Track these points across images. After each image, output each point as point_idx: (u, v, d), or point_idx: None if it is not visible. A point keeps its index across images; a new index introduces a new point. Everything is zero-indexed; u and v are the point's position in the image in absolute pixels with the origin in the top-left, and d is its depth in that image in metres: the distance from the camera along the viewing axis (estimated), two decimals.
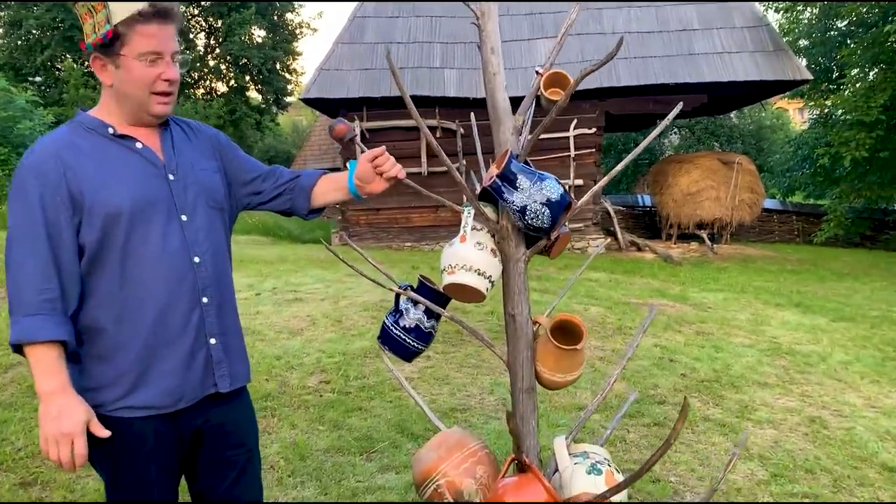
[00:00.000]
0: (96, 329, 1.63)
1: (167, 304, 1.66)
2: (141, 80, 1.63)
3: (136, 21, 1.61)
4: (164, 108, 1.69)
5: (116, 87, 1.67)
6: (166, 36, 1.65)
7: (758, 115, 24.09)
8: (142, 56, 1.62)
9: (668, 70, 12.54)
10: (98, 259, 1.62)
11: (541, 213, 1.67)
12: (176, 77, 1.68)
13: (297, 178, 1.98)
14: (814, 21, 15.87)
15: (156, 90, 1.65)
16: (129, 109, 1.69)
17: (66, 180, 1.58)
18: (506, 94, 1.80)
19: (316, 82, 13.12)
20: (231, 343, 1.82)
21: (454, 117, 13.21)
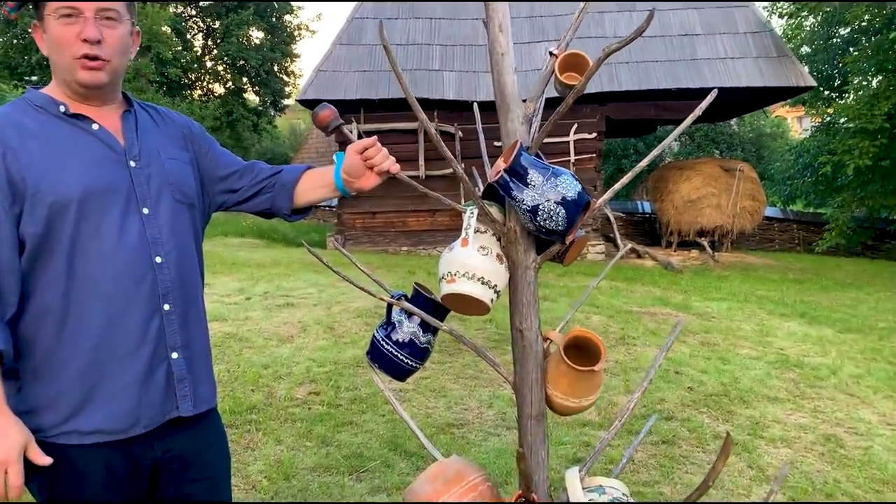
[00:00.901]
0: (35, 339, 1.39)
1: (120, 310, 1.42)
2: (57, 41, 1.41)
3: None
4: (90, 76, 1.43)
5: (50, 57, 1.46)
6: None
7: (758, 123, 23.94)
8: (57, 12, 1.40)
9: (671, 75, 12.36)
10: (40, 256, 1.38)
11: (555, 214, 1.44)
12: (95, 36, 1.41)
13: (278, 174, 1.74)
14: (816, 28, 15.71)
15: (78, 53, 1.41)
16: (62, 81, 1.46)
17: (6, 163, 1.36)
18: (515, 78, 1.59)
19: (313, 83, 12.91)
20: (196, 358, 1.57)
21: (452, 121, 13.01)
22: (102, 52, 1.44)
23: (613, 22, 13.19)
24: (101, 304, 1.41)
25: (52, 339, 1.40)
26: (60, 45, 1.42)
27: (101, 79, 1.46)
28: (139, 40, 1.58)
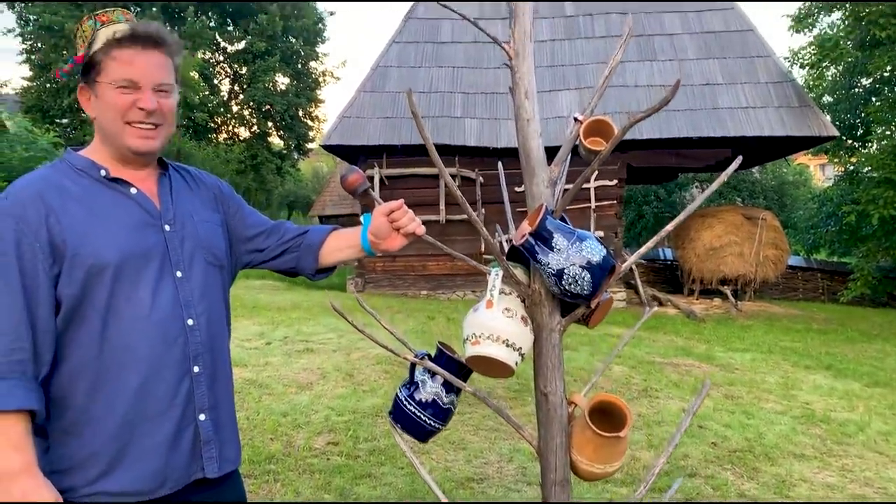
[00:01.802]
0: (68, 399, 1.40)
1: (153, 372, 1.43)
2: (113, 108, 1.46)
3: (112, 46, 1.46)
4: (142, 143, 1.49)
5: (97, 120, 1.50)
6: (148, 63, 1.48)
7: (780, 171, 23.87)
8: (114, 82, 1.45)
9: (692, 124, 12.41)
10: (76, 317, 1.40)
11: (580, 278, 1.44)
12: (153, 107, 1.47)
13: (305, 234, 1.77)
14: (838, 78, 15.74)
15: (130, 119, 1.47)
16: (111, 146, 1.51)
17: (48, 226, 1.38)
18: (540, 143, 1.60)
19: (337, 129, 13.12)
20: (222, 420, 1.57)
21: (474, 166, 13.12)
22: (157, 120, 1.50)
23: (635, 72, 13.30)
24: (134, 366, 1.42)
25: (85, 400, 1.41)
26: (115, 112, 1.47)
27: (154, 146, 1.52)
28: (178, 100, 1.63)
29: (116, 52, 1.46)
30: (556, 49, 14.03)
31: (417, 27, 14.58)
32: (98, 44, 1.46)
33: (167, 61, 1.52)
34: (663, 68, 13.36)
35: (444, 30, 14.59)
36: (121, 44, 1.46)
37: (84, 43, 1.50)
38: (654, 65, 13.47)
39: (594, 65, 13.62)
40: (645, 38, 13.81)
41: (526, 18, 1.53)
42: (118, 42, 1.46)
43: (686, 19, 13.95)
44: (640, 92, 13.05)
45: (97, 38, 1.47)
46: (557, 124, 13.00)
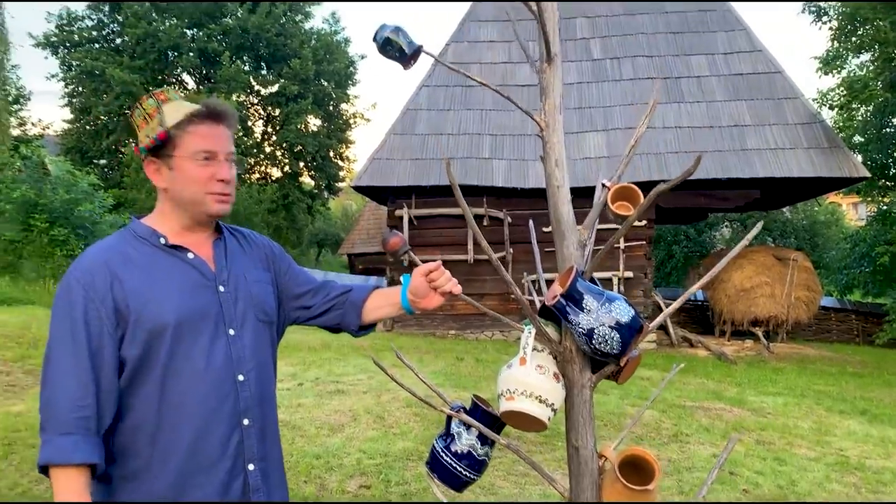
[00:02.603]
0: (130, 449, 1.51)
1: (206, 426, 1.54)
2: (195, 180, 1.59)
3: (188, 122, 1.59)
4: (221, 207, 1.63)
5: (171, 191, 1.63)
6: (219, 136, 1.62)
7: (811, 211, 23.67)
8: (195, 155, 1.59)
9: (720, 165, 12.43)
10: (138, 375, 1.52)
11: (610, 338, 1.52)
12: (230, 176, 1.63)
13: (349, 292, 1.87)
14: (868, 118, 15.68)
15: (211, 190, 1.61)
16: (185, 212, 1.64)
17: (113, 292, 1.51)
18: (571, 208, 1.70)
19: (368, 171, 13.35)
20: (270, 468, 1.67)
21: (501, 206, 13.24)
22: (230, 189, 1.64)
23: (662, 114, 13.40)
24: (190, 420, 1.52)
25: (145, 451, 1.51)
26: (198, 183, 1.60)
27: (228, 210, 1.66)
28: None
29: (193, 128, 1.60)
30: (583, 91, 14.21)
31: (446, 71, 14.87)
32: (171, 120, 1.59)
33: (230, 133, 1.66)
34: (691, 110, 13.45)
35: (473, 73, 14.83)
36: (196, 120, 1.60)
37: (146, 120, 1.63)
38: (682, 106, 13.56)
39: (621, 106, 13.76)
40: (672, 81, 13.93)
41: (555, 93, 1.63)
42: (194, 118, 1.60)
43: (714, 62, 14.06)
44: (669, 133, 13.13)
45: (166, 115, 1.60)
46: (585, 164, 13.12)
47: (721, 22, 14.63)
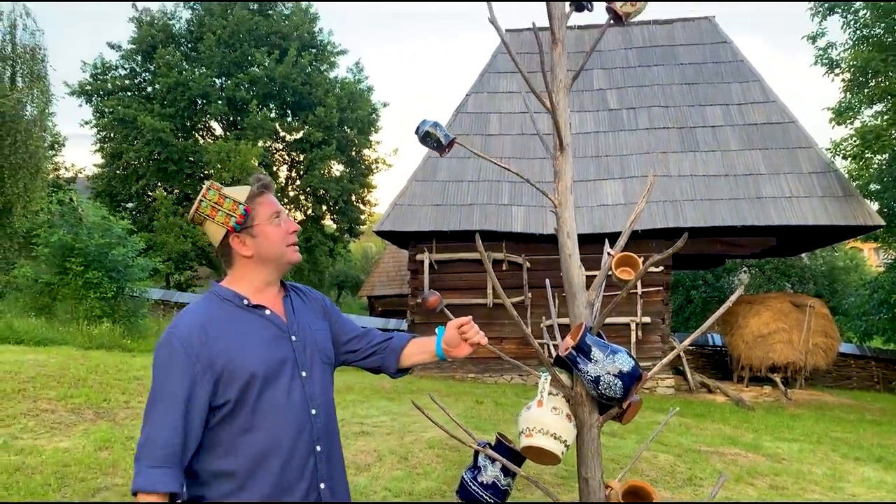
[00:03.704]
0: (226, 473, 1.82)
1: (290, 452, 1.85)
2: (278, 238, 1.96)
3: (256, 196, 1.97)
4: (297, 255, 2.02)
5: (256, 254, 1.96)
6: (275, 201, 2.01)
7: (830, 256, 23.71)
8: (269, 219, 1.95)
9: (735, 213, 12.67)
10: (232, 414, 1.83)
11: (613, 385, 1.80)
12: (298, 227, 2.03)
13: (390, 339, 2.19)
14: (884, 166, 15.89)
15: (289, 242, 1.98)
16: (269, 269, 1.98)
17: (208, 348, 1.82)
18: (581, 272, 1.99)
19: (390, 216, 13.75)
20: (337, 488, 1.97)
21: (520, 251, 13.53)
22: (297, 237, 2.04)
23: (678, 162, 13.72)
24: (276, 450, 1.85)
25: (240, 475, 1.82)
26: (279, 240, 1.97)
27: (300, 257, 2.05)
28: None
29: (260, 199, 1.98)
30: (600, 140, 14.58)
31: (467, 120, 15.35)
32: (242, 200, 1.95)
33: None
34: (707, 159, 13.75)
35: (493, 122, 15.32)
36: (261, 193, 1.99)
37: (216, 208, 1.96)
38: (698, 155, 13.87)
39: (637, 155, 14.10)
40: (687, 130, 14.28)
41: (567, 176, 1.94)
42: (259, 193, 1.98)
43: (728, 112, 14.41)
44: (685, 181, 13.42)
45: (235, 197, 1.95)
46: (602, 212, 13.43)
47: (735, 73, 15.02)
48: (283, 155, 28.59)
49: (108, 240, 12.35)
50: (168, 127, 23.83)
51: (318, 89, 25.91)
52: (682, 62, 15.39)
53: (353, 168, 28.26)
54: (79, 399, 6.90)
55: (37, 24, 12.01)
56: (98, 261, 12.24)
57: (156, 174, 24.70)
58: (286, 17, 27.05)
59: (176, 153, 24.30)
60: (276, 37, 26.08)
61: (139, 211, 25.72)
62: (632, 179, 13.73)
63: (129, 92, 25.98)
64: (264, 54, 25.20)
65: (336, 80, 27.73)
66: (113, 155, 25.29)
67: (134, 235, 13.81)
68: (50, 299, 12.44)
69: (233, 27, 25.16)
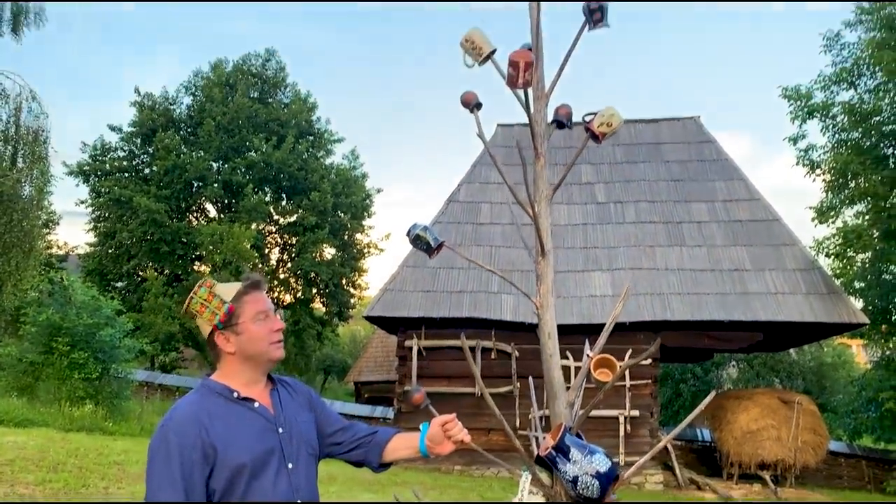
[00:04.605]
0: None
1: None
2: (262, 336, 2.02)
3: (243, 294, 2.04)
4: (281, 352, 2.07)
5: (240, 351, 2.03)
6: (265, 298, 2.08)
7: (818, 352, 23.78)
8: (255, 317, 2.01)
9: (722, 307, 12.82)
10: (223, 499, 1.88)
11: (591, 485, 1.85)
12: (283, 325, 2.08)
13: (374, 434, 2.24)
14: (867, 264, 16.18)
15: (272, 340, 2.03)
16: (253, 365, 2.05)
17: (202, 439, 1.89)
18: (561, 373, 2.06)
19: (380, 301, 13.81)
20: None
21: (510, 340, 13.55)
22: (282, 336, 2.09)
23: (665, 256, 13.97)
24: None
25: None
26: (262, 338, 2.03)
27: (283, 354, 2.10)
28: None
29: (247, 297, 2.04)
30: (588, 232, 14.86)
31: (459, 209, 15.66)
32: (229, 297, 2.04)
33: (266, 294, 2.12)
34: (693, 253, 14.00)
35: (484, 212, 15.63)
36: (248, 291, 2.06)
37: (205, 305, 2.05)
38: (684, 250, 14.13)
39: (625, 248, 14.35)
40: (674, 225, 14.60)
41: (549, 280, 2.04)
42: (246, 291, 2.06)
43: (713, 208, 14.78)
44: (673, 275, 13.62)
45: (222, 295, 2.04)
46: (590, 302, 13.55)
47: (720, 171, 15.49)
48: (275, 237, 28.82)
49: (96, 320, 12.33)
50: (163, 208, 24.09)
51: (313, 175, 26.38)
52: (668, 159, 15.88)
53: (344, 252, 28.46)
54: (57, 484, 6.76)
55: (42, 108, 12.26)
56: (85, 341, 12.18)
57: (148, 254, 24.79)
58: (285, 105, 27.81)
59: (169, 234, 24.47)
60: (274, 124, 26.73)
61: (129, 290, 25.65)
62: (620, 271, 13.93)
63: (126, 173, 26.37)
64: (262, 140, 25.75)
65: (332, 167, 28.27)
66: (106, 234, 25.42)
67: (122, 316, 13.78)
68: (33, 379, 12.30)
69: (233, 114, 25.81)
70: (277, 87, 28.23)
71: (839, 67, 15.48)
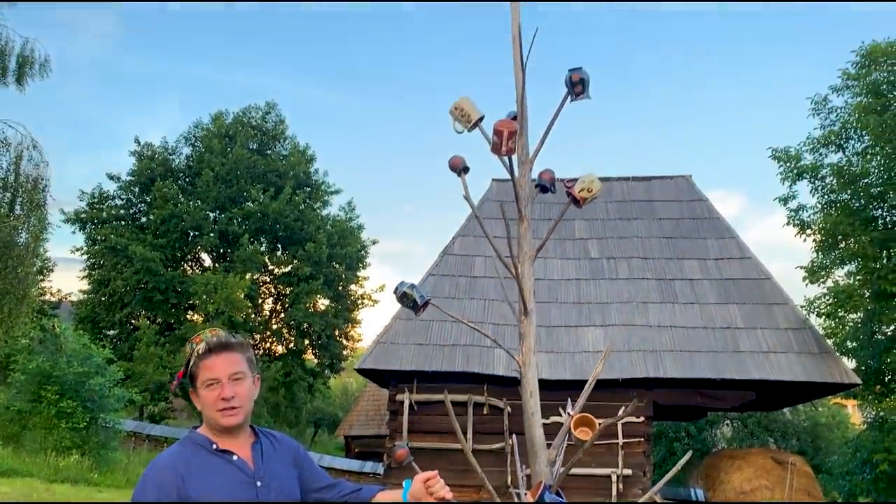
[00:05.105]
0: None
1: None
2: (209, 403, 2.11)
3: (200, 358, 2.14)
4: (228, 420, 2.10)
5: (202, 411, 2.15)
6: (224, 363, 2.13)
7: (812, 412, 23.64)
8: (204, 383, 2.11)
9: (714, 366, 12.78)
10: None
11: None
12: (230, 395, 2.10)
13: (359, 490, 2.28)
14: (858, 325, 16.23)
15: (218, 408, 2.09)
16: (211, 425, 2.13)
17: (178, 487, 1.93)
18: (542, 432, 2.10)
19: (372, 354, 13.74)
20: None
21: (502, 395, 13.43)
22: (235, 403, 2.11)
23: (658, 313, 13.98)
24: None
25: None
26: (209, 405, 2.12)
27: (235, 422, 2.12)
28: (259, 383, 2.28)
29: (202, 363, 2.14)
30: (581, 288, 14.89)
31: (453, 261, 15.71)
32: (192, 360, 2.15)
33: (237, 356, 2.19)
34: (685, 310, 14.02)
35: (478, 265, 15.68)
36: (204, 356, 2.14)
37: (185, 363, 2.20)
38: (677, 307, 14.14)
39: (618, 304, 14.37)
40: (666, 282, 14.66)
41: (531, 338, 2.10)
42: (201, 356, 2.14)
43: (705, 266, 14.86)
44: (665, 333, 13.62)
45: (192, 357, 2.15)
46: (583, 358, 13.50)
47: (712, 230, 15.63)
48: (269, 288, 28.83)
49: (86, 368, 12.27)
50: (158, 257, 24.17)
51: (309, 226, 26.56)
52: (661, 217, 16.03)
53: (338, 303, 28.45)
54: None
55: (42, 156, 12.43)
56: (74, 390, 12.11)
57: (141, 303, 24.77)
58: (284, 157, 28.14)
59: (163, 283, 24.49)
60: (272, 175, 27.01)
61: (120, 339, 25.53)
62: (613, 327, 13.92)
63: (122, 221, 26.54)
64: (260, 191, 25.98)
65: (328, 218, 28.48)
66: (100, 282, 25.43)
67: (113, 364, 13.70)
68: (20, 428, 12.17)
69: (231, 164, 26.09)
70: (276, 139, 28.64)
71: (827, 130, 15.82)
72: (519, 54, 2.15)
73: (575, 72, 2.03)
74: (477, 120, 2.17)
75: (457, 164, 2.28)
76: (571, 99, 2.13)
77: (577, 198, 2.07)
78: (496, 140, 1.99)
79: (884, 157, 14.54)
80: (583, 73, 2.03)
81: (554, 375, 12.71)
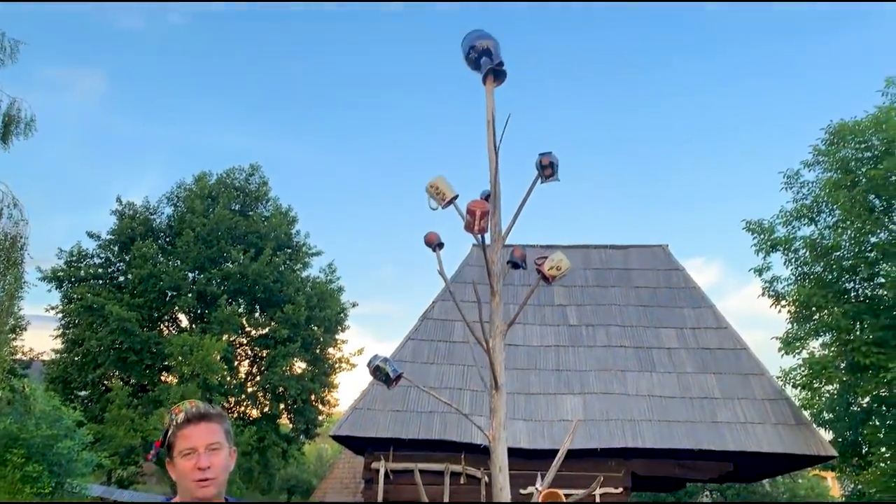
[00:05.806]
0: None
1: None
2: (183, 473, 2.12)
3: (178, 428, 2.17)
4: (202, 492, 2.11)
5: (177, 482, 2.16)
6: (201, 433, 2.15)
7: (792, 483, 23.47)
8: (181, 453, 2.13)
9: (692, 436, 12.76)
10: None
11: None
12: (206, 465, 2.12)
13: None
14: (834, 396, 16.32)
15: (194, 478, 2.10)
16: (186, 495, 2.14)
17: None
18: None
19: (348, 420, 13.56)
20: None
21: (479, 464, 13.26)
22: (210, 474, 2.13)
23: (636, 381, 14.00)
24: None
25: None
26: (185, 475, 2.13)
27: (210, 493, 2.14)
28: (235, 455, 2.29)
29: (179, 433, 2.17)
30: (560, 354, 14.91)
31: (432, 326, 15.70)
32: (170, 430, 2.18)
33: (215, 426, 2.23)
34: (662, 379, 14.06)
35: (457, 330, 15.66)
36: (182, 426, 2.17)
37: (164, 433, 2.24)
38: (654, 376, 14.18)
39: (596, 371, 14.38)
40: (644, 350, 14.73)
41: (501, 413, 2.13)
42: (179, 426, 2.18)
43: (682, 335, 14.98)
44: (643, 402, 13.61)
45: (170, 427, 2.18)
46: (561, 426, 13.39)
47: (688, 299, 15.81)
48: (246, 350, 28.43)
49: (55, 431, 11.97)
50: (135, 317, 23.85)
51: (288, 287, 26.42)
52: (638, 285, 16.22)
53: (315, 367, 28.06)
54: None
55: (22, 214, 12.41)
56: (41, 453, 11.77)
57: (115, 363, 24.30)
58: (266, 218, 28.17)
59: (138, 343, 24.09)
60: (253, 236, 26.97)
61: (92, 400, 24.91)
62: (591, 395, 13.90)
63: (100, 280, 26.26)
64: (240, 252, 25.92)
65: (308, 279, 28.36)
66: (74, 341, 24.98)
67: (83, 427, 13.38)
68: None
69: (212, 225, 26.06)
70: (259, 200, 28.72)
71: (800, 204, 16.24)
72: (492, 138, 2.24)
73: (545, 156, 2.12)
74: (451, 198, 2.25)
75: (432, 239, 2.35)
76: (542, 181, 2.22)
77: (546, 275, 2.14)
78: (469, 219, 2.07)
79: (854, 232, 14.91)
80: (552, 156, 2.13)
81: (532, 444, 12.61)
